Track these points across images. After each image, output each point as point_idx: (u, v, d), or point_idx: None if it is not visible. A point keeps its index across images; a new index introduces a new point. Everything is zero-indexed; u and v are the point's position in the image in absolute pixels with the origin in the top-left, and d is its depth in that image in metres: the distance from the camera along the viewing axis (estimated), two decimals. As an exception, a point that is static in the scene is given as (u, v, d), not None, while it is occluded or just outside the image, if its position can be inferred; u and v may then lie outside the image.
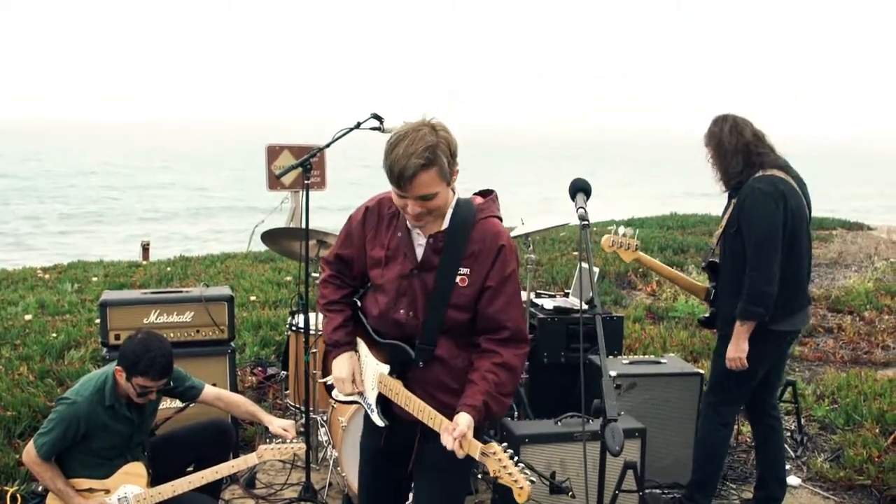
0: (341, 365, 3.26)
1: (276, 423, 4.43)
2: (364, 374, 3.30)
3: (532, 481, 2.78)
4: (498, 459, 2.79)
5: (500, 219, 3.19)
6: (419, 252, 3.10)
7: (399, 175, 2.86)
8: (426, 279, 3.08)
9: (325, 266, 3.40)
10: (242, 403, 4.61)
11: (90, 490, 4.12)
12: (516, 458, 2.80)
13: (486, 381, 3.01)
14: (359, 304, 3.36)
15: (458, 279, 3.05)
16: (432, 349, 3.09)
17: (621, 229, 5.06)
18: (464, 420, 2.90)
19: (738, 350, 4.48)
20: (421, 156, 2.84)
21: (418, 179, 2.86)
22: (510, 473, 2.75)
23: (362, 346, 3.32)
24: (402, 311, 3.11)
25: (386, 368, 3.17)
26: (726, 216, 4.60)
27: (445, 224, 3.07)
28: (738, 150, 4.48)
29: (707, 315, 4.91)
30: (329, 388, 3.47)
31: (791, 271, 4.49)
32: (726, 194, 4.66)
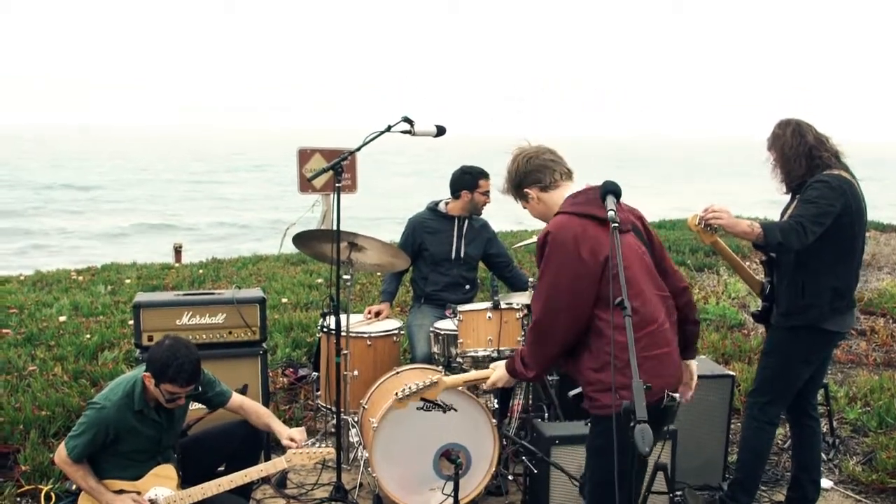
0: None
1: (285, 435, 4.49)
2: None
3: None
4: None
5: (571, 213, 3.38)
6: None
7: None
8: None
9: None
10: (262, 415, 4.62)
11: (122, 491, 4.16)
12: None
13: None
14: None
15: None
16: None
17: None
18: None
19: (723, 213, 4.32)
20: None
21: None
22: None
23: None
24: None
25: None
26: (788, 213, 4.55)
27: None
28: (800, 153, 4.45)
29: (759, 310, 4.86)
30: None
31: (843, 272, 4.47)
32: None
